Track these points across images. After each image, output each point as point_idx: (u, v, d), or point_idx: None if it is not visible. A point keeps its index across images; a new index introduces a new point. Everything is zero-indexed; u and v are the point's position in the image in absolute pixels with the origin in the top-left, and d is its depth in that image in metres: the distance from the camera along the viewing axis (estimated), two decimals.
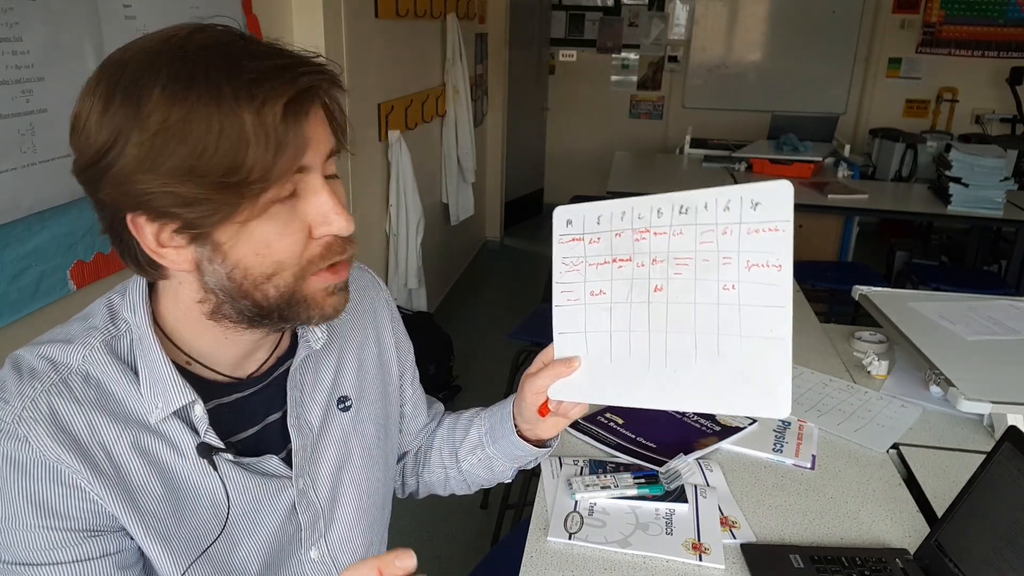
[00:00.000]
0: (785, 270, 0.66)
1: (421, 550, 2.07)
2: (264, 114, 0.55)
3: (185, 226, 0.58)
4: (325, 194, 0.61)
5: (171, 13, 1.59)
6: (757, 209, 0.67)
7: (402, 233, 3.06)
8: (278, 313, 0.64)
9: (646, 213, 0.72)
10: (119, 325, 0.68)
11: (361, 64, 2.59)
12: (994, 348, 1.46)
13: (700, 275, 0.70)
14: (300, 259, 0.62)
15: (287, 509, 0.76)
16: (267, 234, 0.60)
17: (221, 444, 0.69)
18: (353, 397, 0.83)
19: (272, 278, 0.61)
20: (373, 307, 0.89)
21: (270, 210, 0.59)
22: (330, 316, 0.67)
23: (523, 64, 5.29)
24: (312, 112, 0.59)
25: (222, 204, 0.57)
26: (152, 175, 0.55)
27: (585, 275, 0.76)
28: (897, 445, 1.27)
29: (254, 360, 0.74)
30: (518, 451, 0.90)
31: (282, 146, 0.56)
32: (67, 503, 0.63)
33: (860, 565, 0.95)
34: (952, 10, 5.22)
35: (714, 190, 0.69)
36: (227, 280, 0.61)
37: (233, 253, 0.60)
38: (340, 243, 0.64)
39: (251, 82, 0.55)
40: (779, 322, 0.67)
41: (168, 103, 0.54)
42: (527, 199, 5.85)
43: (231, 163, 0.55)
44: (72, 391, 0.64)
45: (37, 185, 1.26)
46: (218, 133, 0.54)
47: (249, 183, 0.56)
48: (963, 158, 3.20)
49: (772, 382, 0.68)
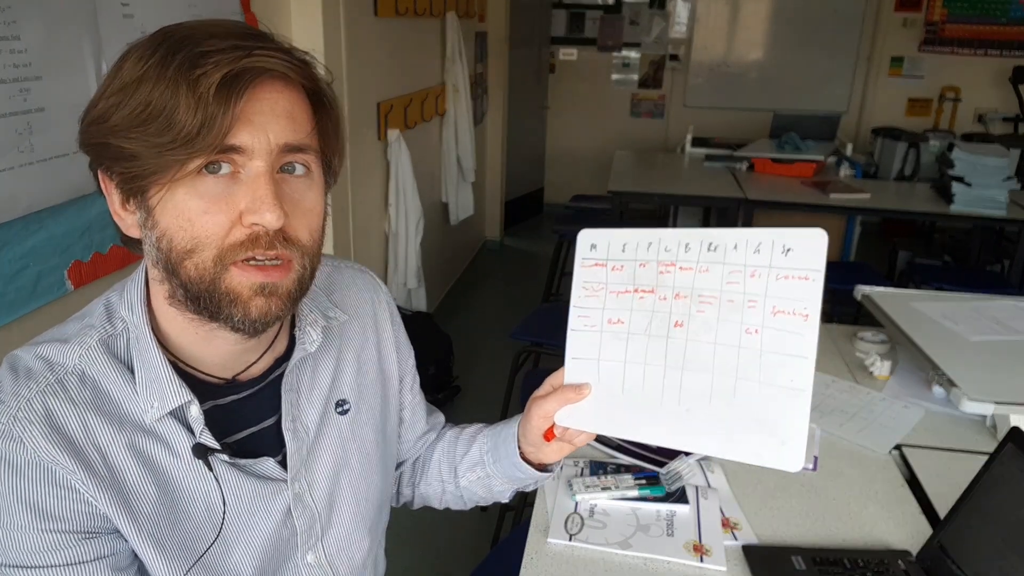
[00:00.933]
0: (812, 320, 0.65)
1: (421, 551, 2.07)
2: (199, 84, 0.57)
3: (123, 181, 0.62)
4: (261, 183, 0.61)
5: (170, 12, 1.58)
6: (788, 255, 0.66)
7: (401, 233, 3.06)
8: (205, 300, 0.63)
9: (673, 246, 0.71)
10: (116, 324, 0.68)
11: (360, 63, 2.58)
12: (997, 349, 1.45)
13: (724, 315, 0.68)
14: (221, 241, 0.61)
15: (283, 513, 0.75)
16: (191, 207, 0.60)
17: (217, 445, 0.68)
18: (351, 401, 0.82)
19: (191, 254, 0.61)
20: (373, 309, 0.88)
21: (198, 183, 0.60)
22: (255, 320, 0.63)
23: (523, 63, 5.29)
24: (255, 96, 0.60)
25: (150, 161, 0.59)
26: (103, 126, 0.60)
27: (604, 302, 0.75)
28: (899, 446, 1.26)
29: (242, 361, 0.73)
30: (519, 473, 0.88)
31: (210, 118, 0.58)
32: (61, 505, 0.62)
33: (862, 567, 0.94)
34: (954, 9, 5.21)
35: (746, 231, 0.68)
36: (157, 250, 0.62)
37: (162, 220, 0.61)
38: (268, 240, 0.61)
39: (200, 55, 0.58)
40: (801, 373, 0.65)
41: (133, 65, 0.59)
42: (527, 199, 5.84)
43: (163, 125, 0.58)
44: (68, 392, 0.64)
45: (35, 185, 1.25)
46: (158, 96, 0.58)
47: (175, 147, 0.58)
48: (966, 157, 3.19)
49: (787, 434, 0.66)
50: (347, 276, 0.87)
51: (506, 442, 0.87)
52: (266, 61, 0.59)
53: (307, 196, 0.65)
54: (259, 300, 0.63)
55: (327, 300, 0.82)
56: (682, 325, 0.70)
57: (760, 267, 0.67)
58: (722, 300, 0.69)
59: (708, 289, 0.69)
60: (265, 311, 0.64)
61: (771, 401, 0.66)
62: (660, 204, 3.60)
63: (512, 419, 0.89)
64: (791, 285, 0.65)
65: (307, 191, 0.65)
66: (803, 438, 0.65)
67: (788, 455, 0.66)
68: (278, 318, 0.65)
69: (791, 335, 0.66)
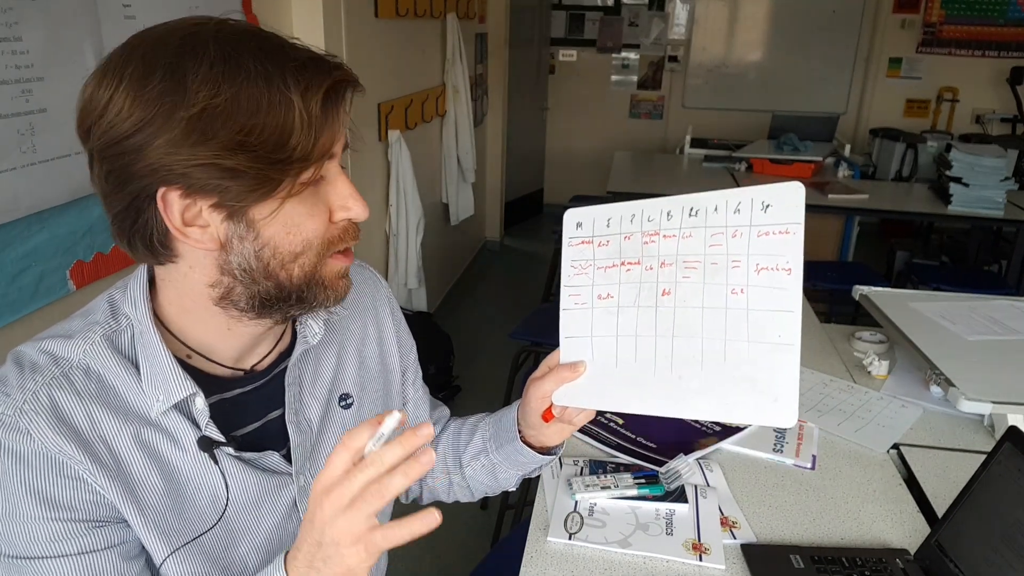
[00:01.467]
0: (795, 274, 0.65)
1: (421, 551, 2.07)
2: (308, 99, 0.58)
3: (224, 201, 0.60)
4: (345, 181, 0.66)
5: (171, 13, 1.58)
6: (768, 211, 0.66)
7: (402, 233, 3.06)
8: (297, 295, 0.66)
9: (656, 215, 0.72)
10: (120, 320, 0.68)
11: (361, 64, 2.59)
12: (995, 348, 1.46)
13: (708, 279, 0.69)
14: (323, 240, 0.65)
15: (288, 506, 0.76)
16: (298, 214, 0.62)
17: (222, 437, 0.69)
18: (355, 394, 0.83)
19: (299, 257, 0.64)
20: (374, 303, 0.89)
21: (303, 191, 0.62)
22: (341, 298, 0.70)
23: (523, 64, 5.29)
24: (341, 104, 0.62)
25: (266, 180, 0.59)
26: (201, 148, 0.57)
27: (593, 279, 0.75)
28: (897, 445, 1.27)
29: (256, 353, 0.74)
30: (522, 457, 0.88)
31: (320, 131, 0.60)
32: (70, 494, 0.63)
33: (860, 565, 0.95)
34: (952, 10, 5.22)
35: (725, 192, 0.68)
36: (255, 259, 0.63)
37: (266, 231, 0.62)
38: (354, 228, 0.67)
39: (295, 68, 0.58)
40: (788, 327, 0.66)
41: (216, 81, 0.56)
42: (527, 199, 5.84)
43: (278, 140, 0.58)
44: (73, 384, 0.64)
45: (37, 185, 1.26)
46: (267, 111, 0.57)
47: (292, 161, 0.59)
48: (963, 158, 3.20)
49: (779, 390, 0.66)
50: None
51: (507, 427, 0.88)
52: (343, 73, 0.62)
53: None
54: (343, 281, 0.70)
55: None
56: (669, 293, 0.71)
57: (741, 226, 0.67)
58: (706, 263, 0.69)
59: (692, 254, 0.70)
60: (347, 288, 0.70)
61: (761, 359, 0.67)
62: None
63: (512, 404, 0.90)
64: (772, 241, 0.66)
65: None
66: (795, 393, 0.66)
67: (782, 411, 0.66)
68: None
69: (776, 291, 0.66)
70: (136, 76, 0.57)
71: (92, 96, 0.59)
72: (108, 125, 0.58)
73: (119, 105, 0.57)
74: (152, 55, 0.58)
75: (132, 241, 0.63)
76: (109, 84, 0.58)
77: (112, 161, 0.59)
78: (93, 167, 0.61)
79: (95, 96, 0.59)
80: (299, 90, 0.58)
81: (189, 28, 0.59)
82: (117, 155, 0.58)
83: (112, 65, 0.59)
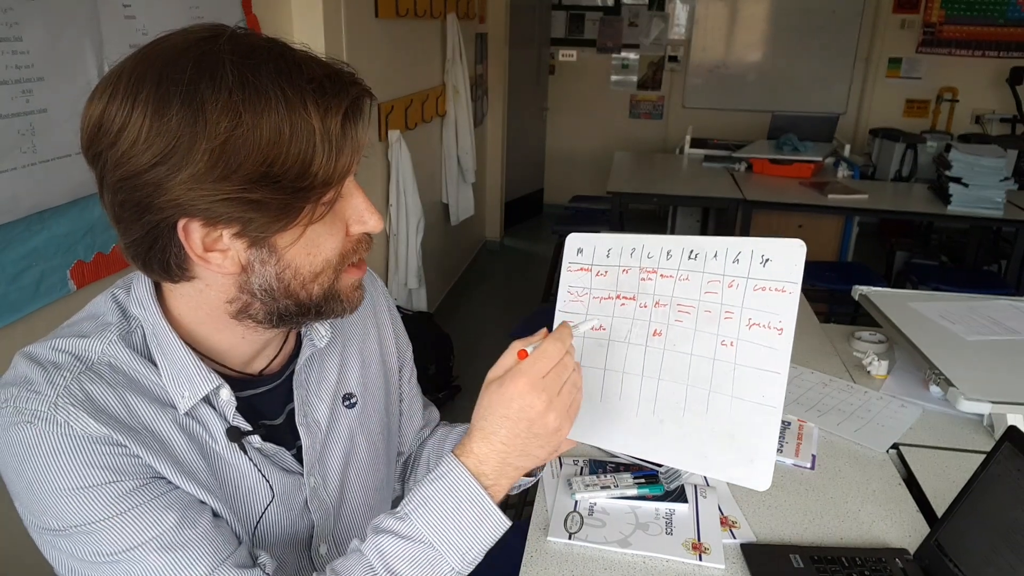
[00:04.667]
0: (786, 335, 0.65)
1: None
2: (328, 121, 0.57)
3: (246, 231, 0.58)
4: (360, 195, 0.65)
5: (171, 13, 1.59)
6: (767, 266, 0.66)
7: (402, 233, 3.06)
8: (315, 309, 0.66)
9: (656, 252, 0.72)
10: (131, 321, 0.68)
11: (361, 64, 2.56)
12: (994, 348, 1.46)
13: (700, 326, 0.69)
14: (340, 256, 0.65)
15: (300, 505, 0.76)
16: (318, 234, 0.62)
17: (249, 427, 0.70)
18: (358, 394, 0.84)
19: (319, 276, 0.64)
20: (373, 304, 0.90)
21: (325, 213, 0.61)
22: (355, 308, 0.70)
23: (523, 64, 5.29)
24: (360, 121, 0.61)
25: (290, 209, 0.58)
26: (225, 183, 0.55)
27: (588, 308, 0.75)
28: (897, 445, 1.27)
29: (263, 357, 0.74)
30: None
31: (341, 152, 0.58)
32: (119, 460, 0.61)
33: (860, 565, 0.95)
34: (952, 10, 5.22)
35: (727, 239, 0.68)
36: (275, 280, 0.62)
37: (288, 254, 0.62)
38: (368, 239, 0.68)
39: (314, 89, 0.56)
40: (773, 389, 0.65)
41: (236, 109, 0.54)
42: (527, 199, 5.84)
43: (300, 168, 0.56)
44: (102, 376, 0.63)
45: (37, 185, 1.26)
46: (288, 139, 0.55)
47: (315, 187, 0.58)
48: (963, 158, 3.20)
49: (756, 452, 0.66)
50: None
51: None
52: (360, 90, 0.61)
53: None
54: (358, 292, 0.70)
55: None
56: (660, 334, 0.71)
57: (738, 277, 0.67)
58: (700, 310, 0.69)
59: (687, 298, 0.70)
60: (361, 298, 0.70)
61: (742, 417, 0.66)
62: (659, 205, 3.61)
63: None
64: (767, 297, 0.66)
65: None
66: (771, 457, 0.66)
67: (756, 474, 0.66)
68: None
69: (765, 349, 0.66)
70: (151, 102, 0.54)
71: (102, 118, 0.56)
72: (124, 156, 0.56)
73: (135, 134, 0.55)
74: (166, 78, 0.55)
75: (148, 263, 0.62)
76: (121, 107, 0.55)
77: (129, 192, 0.57)
78: (104, 193, 0.59)
79: (105, 118, 0.56)
80: (319, 114, 0.56)
81: (201, 45, 0.56)
82: (135, 188, 0.56)
83: (122, 85, 0.56)
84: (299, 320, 0.68)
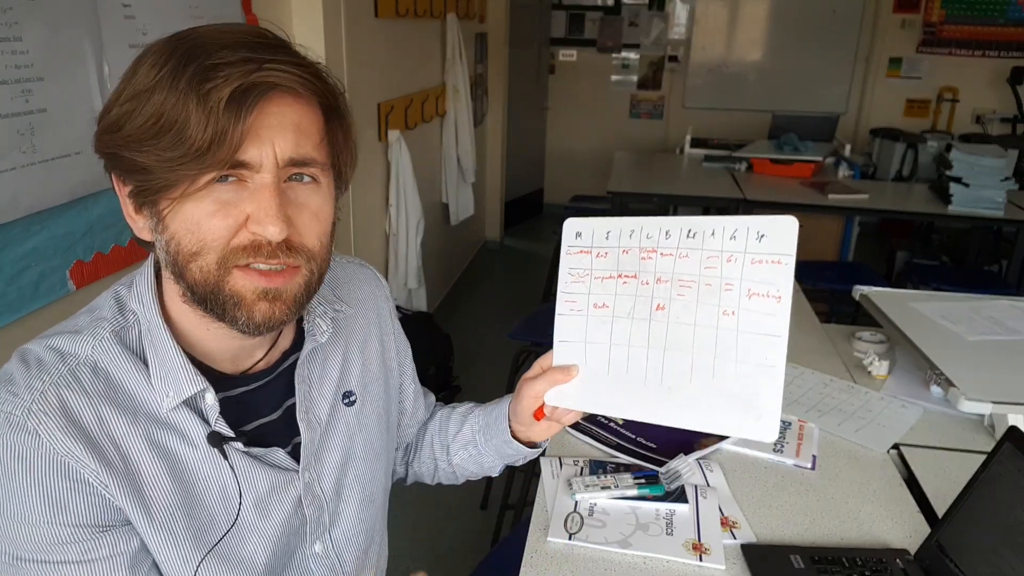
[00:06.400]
0: (784, 302, 0.69)
1: (421, 550, 2.07)
2: (209, 99, 0.57)
3: (135, 191, 0.62)
4: (266, 195, 0.61)
5: (171, 13, 1.59)
6: (762, 240, 0.69)
7: (402, 233, 3.06)
8: (211, 302, 0.64)
9: (655, 233, 0.74)
10: (127, 316, 0.68)
11: (361, 64, 2.59)
12: (995, 348, 1.46)
13: (702, 298, 0.72)
14: (225, 245, 0.62)
15: (294, 503, 0.76)
16: (199, 212, 0.61)
17: (231, 433, 0.69)
18: (357, 392, 0.84)
19: (196, 257, 0.62)
20: (376, 303, 0.90)
21: (208, 191, 0.60)
22: (259, 324, 0.64)
23: (523, 64, 5.29)
24: (264, 110, 0.59)
25: (161, 175, 0.59)
26: (118, 135, 0.60)
27: (590, 287, 0.78)
28: (898, 445, 1.27)
29: (251, 357, 0.74)
30: (509, 450, 0.92)
31: (221, 133, 0.57)
32: (75, 498, 0.62)
33: (861, 565, 0.95)
34: (952, 10, 5.21)
35: (722, 218, 0.72)
36: (165, 253, 0.63)
37: (171, 225, 0.62)
38: (270, 249, 0.62)
39: (210, 67, 0.57)
40: (774, 351, 0.69)
41: (147, 73, 0.59)
42: (527, 199, 5.84)
43: (174, 139, 0.58)
44: (81, 383, 0.64)
45: (36, 185, 1.26)
46: (169, 108, 0.57)
47: (186, 162, 0.58)
48: (964, 158, 3.19)
49: (762, 408, 0.70)
50: (350, 271, 0.90)
51: (497, 421, 0.91)
52: (276, 76, 0.59)
53: (314, 202, 0.65)
54: (263, 304, 0.64)
55: (332, 294, 0.83)
56: (663, 308, 0.74)
57: (736, 252, 0.71)
58: (700, 284, 0.72)
59: (687, 273, 0.73)
60: (269, 315, 0.65)
61: (747, 378, 0.70)
62: (659, 205, 3.60)
63: (503, 399, 0.93)
64: (764, 269, 0.69)
65: (315, 197, 0.65)
66: (777, 411, 0.70)
67: (764, 427, 0.70)
68: (282, 322, 0.66)
69: (765, 316, 0.69)
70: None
71: None
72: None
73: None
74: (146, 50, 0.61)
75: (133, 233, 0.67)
76: None
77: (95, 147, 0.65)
78: None
79: None
80: (204, 90, 0.57)
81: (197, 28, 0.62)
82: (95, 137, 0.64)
83: None
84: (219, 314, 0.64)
